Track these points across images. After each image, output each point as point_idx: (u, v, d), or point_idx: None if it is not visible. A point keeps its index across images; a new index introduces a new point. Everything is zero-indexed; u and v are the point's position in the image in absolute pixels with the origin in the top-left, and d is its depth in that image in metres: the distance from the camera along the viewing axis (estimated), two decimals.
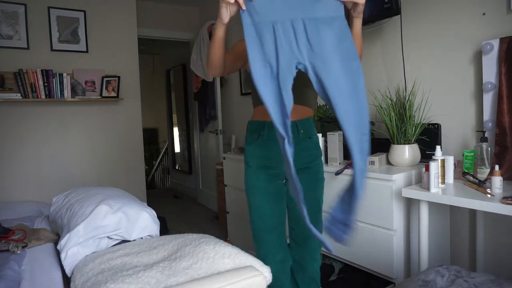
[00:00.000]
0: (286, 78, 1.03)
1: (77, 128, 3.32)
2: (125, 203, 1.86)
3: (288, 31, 1.05)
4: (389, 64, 2.37)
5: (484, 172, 1.69)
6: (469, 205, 1.46)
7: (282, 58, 1.04)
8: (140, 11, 3.88)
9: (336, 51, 1.05)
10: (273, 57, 1.05)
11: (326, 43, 1.05)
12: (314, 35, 1.05)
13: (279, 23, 1.05)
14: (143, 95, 3.92)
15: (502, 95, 1.74)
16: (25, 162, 3.08)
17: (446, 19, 2.04)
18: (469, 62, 1.96)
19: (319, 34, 1.05)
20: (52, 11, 3.15)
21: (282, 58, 1.04)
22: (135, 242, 1.77)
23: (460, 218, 2.02)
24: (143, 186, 3.75)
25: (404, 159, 1.96)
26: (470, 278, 1.25)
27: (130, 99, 3.59)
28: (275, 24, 1.05)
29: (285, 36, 1.05)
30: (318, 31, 1.05)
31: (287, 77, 1.03)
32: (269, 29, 1.06)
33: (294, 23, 1.05)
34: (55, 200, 2.22)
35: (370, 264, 1.94)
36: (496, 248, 1.86)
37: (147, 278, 1.32)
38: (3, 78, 2.89)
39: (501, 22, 1.80)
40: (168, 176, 6.88)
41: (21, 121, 3.06)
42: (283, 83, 1.03)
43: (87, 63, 3.33)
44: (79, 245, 1.66)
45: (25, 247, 1.79)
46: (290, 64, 1.04)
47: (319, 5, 1.07)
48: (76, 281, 1.44)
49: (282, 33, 1.05)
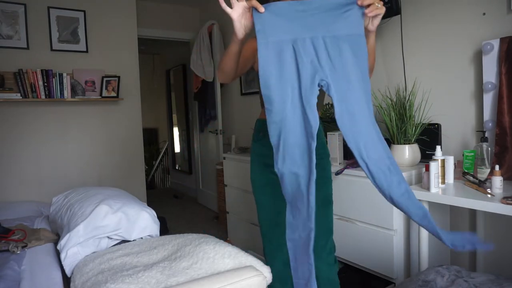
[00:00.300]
0: (310, 97, 1.00)
1: (77, 128, 3.32)
2: (125, 203, 1.86)
3: (309, 49, 1.02)
4: (389, 64, 2.36)
5: (484, 172, 1.69)
6: (469, 205, 1.46)
7: (305, 76, 1.01)
8: (140, 11, 3.88)
9: (355, 70, 1.03)
10: (294, 77, 1.02)
11: (347, 62, 1.02)
12: (336, 53, 1.02)
13: (299, 41, 1.02)
14: (143, 95, 3.92)
15: (502, 95, 1.74)
16: (25, 162, 3.08)
17: (446, 19, 2.04)
18: (469, 62, 1.96)
19: (341, 52, 1.02)
20: (52, 11, 3.15)
21: (304, 76, 1.01)
22: (135, 242, 1.77)
23: (460, 218, 2.02)
24: (143, 186, 3.74)
25: (404, 159, 1.96)
26: (470, 278, 1.25)
27: (130, 99, 3.59)
28: (295, 42, 1.03)
29: (305, 53, 1.02)
30: (339, 49, 1.02)
31: (311, 96, 1.00)
32: (288, 48, 1.02)
33: (314, 41, 1.02)
34: (55, 200, 2.22)
35: (370, 264, 1.94)
36: (496, 248, 1.86)
37: (147, 278, 1.32)
38: (3, 78, 2.89)
39: (501, 22, 1.80)
40: (168, 176, 6.88)
41: (21, 121, 3.05)
42: (307, 103, 1.00)
43: (87, 63, 3.33)
44: (79, 245, 1.66)
45: (25, 247, 1.79)
46: (313, 81, 1.01)
47: (340, 23, 1.04)
48: (76, 281, 1.44)
49: (302, 51, 1.02)
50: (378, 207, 1.87)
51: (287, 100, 1.01)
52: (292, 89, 1.01)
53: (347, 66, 1.02)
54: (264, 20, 1.04)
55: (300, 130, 1.00)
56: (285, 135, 1.01)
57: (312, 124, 0.99)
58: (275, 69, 1.02)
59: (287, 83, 1.01)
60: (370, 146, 1.00)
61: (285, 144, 1.01)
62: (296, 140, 1.01)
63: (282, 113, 1.01)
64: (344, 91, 1.01)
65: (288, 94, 1.01)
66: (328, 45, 1.02)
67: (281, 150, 1.01)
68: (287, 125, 1.01)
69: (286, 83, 1.01)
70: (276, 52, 1.02)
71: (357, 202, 1.97)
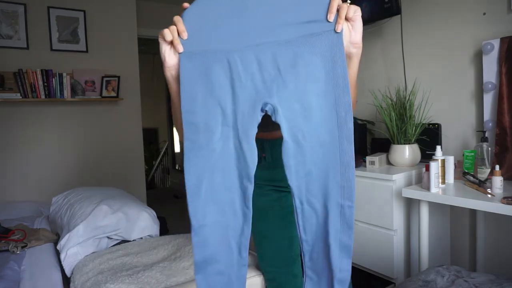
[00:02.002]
0: (249, 126, 0.75)
1: (77, 128, 3.32)
2: (125, 203, 1.86)
3: (250, 61, 0.75)
4: (389, 64, 2.36)
5: (485, 172, 1.69)
6: (469, 205, 1.46)
7: (242, 99, 0.76)
8: (140, 11, 3.88)
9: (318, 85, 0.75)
10: (227, 100, 0.76)
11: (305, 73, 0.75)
12: (288, 64, 0.75)
13: (237, 53, 0.76)
14: (143, 95, 3.92)
15: (503, 95, 1.74)
16: (25, 162, 3.07)
17: (446, 19, 2.04)
18: (469, 62, 1.96)
19: (297, 62, 0.75)
20: (52, 11, 3.15)
21: (241, 99, 0.76)
22: (135, 242, 1.77)
23: (460, 218, 2.02)
24: (143, 186, 3.74)
25: (404, 159, 1.96)
26: (470, 278, 1.25)
27: (130, 99, 3.59)
28: (230, 54, 0.76)
29: (244, 68, 0.75)
30: (294, 58, 0.75)
31: (250, 125, 0.75)
32: (221, 61, 0.76)
33: (259, 51, 0.75)
34: (55, 200, 2.22)
35: (370, 264, 1.94)
36: (496, 248, 1.85)
37: (147, 278, 1.32)
38: (3, 78, 2.89)
39: (502, 22, 1.80)
40: (168, 176, 6.87)
41: (21, 121, 3.05)
42: (244, 133, 0.75)
43: (87, 63, 3.32)
44: (79, 245, 1.66)
45: (25, 247, 1.79)
46: (253, 105, 0.75)
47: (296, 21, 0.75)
48: (76, 281, 1.44)
49: (241, 66, 0.75)
50: (378, 207, 1.87)
51: (215, 130, 0.76)
52: (223, 116, 0.76)
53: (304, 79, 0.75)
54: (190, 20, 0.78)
55: (231, 168, 0.77)
56: (209, 175, 0.76)
57: (249, 162, 0.76)
58: (202, 88, 0.77)
59: (216, 108, 0.76)
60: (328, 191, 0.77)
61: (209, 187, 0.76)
62: (224, 181, 0.77)
63: (208, 146, 0.76)
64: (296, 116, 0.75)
65: (217, 121, 0.76)
66: (278, 54, 0.75)
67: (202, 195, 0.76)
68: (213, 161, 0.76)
69: (215, 108, 0.76)
70: (205, 67, 0.77)
71: (357, 202, 1.97)
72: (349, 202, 0.76)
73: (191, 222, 0.76)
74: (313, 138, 0.76)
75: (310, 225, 0.78)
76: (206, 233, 0.77)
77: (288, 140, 0.76)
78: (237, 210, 0.78)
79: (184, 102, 0.77)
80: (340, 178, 0.76)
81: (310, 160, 0.77)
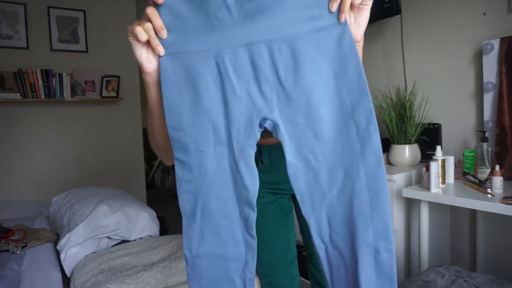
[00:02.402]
0: (246, 145, 0.63)
1: (77, 128, 3.32)
2: (125, 203, 1.86)
3: (243, 65, 0.61)
4: (389, 64, 2.36)
5: (485, 172, 1.69)
6: (470, 205, 1.46)
7: (237, 113, 0.62)
8: (140, 11, 3.87)
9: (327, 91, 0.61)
10: (219, 113, 0.62)
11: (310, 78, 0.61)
12: (289, 68, 0.61)
13: (227, 56, 0.61)
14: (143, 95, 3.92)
15: (503, 95, 1.74)
16: (25, 162, 3.07)
17: (446, 19, 2.04)
18: (469, 62, 1.96)
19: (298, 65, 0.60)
20: (52, 10, 3.15)
21: (235, 113, 0.62)
22: (135, 242, 1.77)
23: (460, 218, 2.02)
24: (143, 186, 3.74)
25: (404, 159, 1.96)
26: (470, 278, 1.25)
27: (130, 99, 3.59)
28: (220, 56, 0.61)
29: (237, 75, 0.61)
30: (296, 60, 0.60)
31: (247, 144, 0.63)
32: (208, 65, 0.61)
33: (253, 51, 0.60)
34: (55, 200, 2.22)
35: None
36: (496, 248, 1.85)
37: (147, 278, 1.32)
38: (3, 78, 2.89)
39: (502, 22, 1.80)
40: (168, 176, 6.87)
41: (20, 121, 3.05)
42: (241, 153, 0.63)
43: (87, 63, 3.32)
44: (79, 245, 1.66)
45: (25, 247, 1.79)
46: (250, 120, 0.62)
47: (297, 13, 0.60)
48: (76, 281, 1.44)
49: (233, 73, 0.61)
50: None
51: (207, 150, 0.64)
52: (215, 133, 0.63)
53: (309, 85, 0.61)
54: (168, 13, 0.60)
55: (228, 193, 0.65)
56: (204, 200, 0.65)
57: (249, 187, 0.63)
58: (188, 101, 0.63)
59: (207, 125, 0.63)
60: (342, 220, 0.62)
61: (204, 214, 0.65)
62: (221, 207, 0.65)
63: (200, 168, 0.64)
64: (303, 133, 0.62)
65: (208, 140, 0.63)
66: (276, 55, 0.61)
67: (198, 223, 0.65)
68: (208, 185, 0.64)
69: (205, 124, 0.63)
70: (190, 73, 0.62)
71: None
72: (386, 244, 0.59)
73: (184, 252, 0.66)
74: (328, 159, 0.61)
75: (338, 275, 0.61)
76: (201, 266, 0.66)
77: (294, 163, 0.62)
78: (238, 239, 0.66)
79: (168, 116, 0.63)
80: (369, 210, 0.59)
81: (327, 187, 0.61)
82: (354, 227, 0.60)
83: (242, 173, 0.63)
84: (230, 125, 0.63)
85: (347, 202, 0.61)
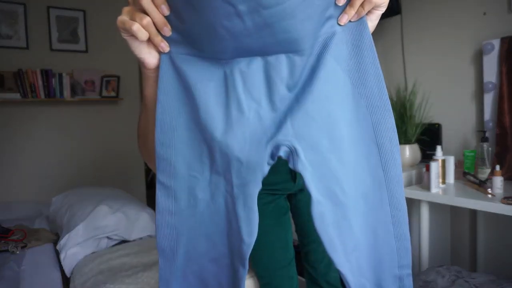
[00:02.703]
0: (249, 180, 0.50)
1: (77, 128, 3.32)
2: (125, 204, 1.86)
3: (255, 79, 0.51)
4: (389, 64, 2.36)
5: (485, 172, 1.69)
6: (470, 205, 1.45)
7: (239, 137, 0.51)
8: None
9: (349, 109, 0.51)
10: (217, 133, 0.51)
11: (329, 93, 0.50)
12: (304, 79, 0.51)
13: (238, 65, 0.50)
14: None
15: (503, 95, 1.74)
16: (25, 162, 3.07)
17: (446, 19, 2.04)
18: (469, 62, 1.96)
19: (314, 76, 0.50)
20: (52, 10, 3.15)
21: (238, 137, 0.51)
22: (135, 242, 1.77)
23: (460, 218, 2.02)
24: (143, 186, 3.74)
25: (405, 159, 1.96)
26: (470, 279, 1.25)
27: (130, 99, 3.59)
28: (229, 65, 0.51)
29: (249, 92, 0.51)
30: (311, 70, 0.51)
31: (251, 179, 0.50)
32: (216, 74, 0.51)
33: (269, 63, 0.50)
34: (55, 200, 2.22)
35: None
36: (496, 248, 1.85)
37: (147, 279, 1.32)
38: (3, 78, 2.88)
39: (502, 22, 1.80)
40: None
41: (20, 121, 3.05)
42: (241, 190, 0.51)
43: (86, 63, 3.32)
44: (79, 245, 1.66)
45: (25, 247, 1.79)
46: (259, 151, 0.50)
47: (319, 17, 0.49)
48: (76, 281, 1.44)
49: (241, 85, 0.50)
50: None
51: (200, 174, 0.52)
52: (211, 158, 0.52)
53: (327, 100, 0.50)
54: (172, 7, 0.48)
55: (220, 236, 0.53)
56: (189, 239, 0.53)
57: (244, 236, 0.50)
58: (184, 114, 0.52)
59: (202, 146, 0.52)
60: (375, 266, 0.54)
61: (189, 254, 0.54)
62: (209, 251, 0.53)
63: (188, 198, 0.53)
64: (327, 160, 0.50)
65: (203, 164, 0.52)
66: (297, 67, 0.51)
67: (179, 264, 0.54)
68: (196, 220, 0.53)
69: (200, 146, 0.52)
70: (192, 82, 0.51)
71: None
72: (407, 270, 0.54)
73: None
74: (353, 190, 0.51)
75: None
76: None
77: (320, 199, 0.49)
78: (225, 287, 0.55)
79: (159, 128, 0.52)
80: (394, 241, 0.53)
81: (356, 224, 0.51)
82: (380, 262, 0.53)
83: (238, 216, 0.50)
84: (229, 151, 0.50)
85: (370, 237, 0.53)
